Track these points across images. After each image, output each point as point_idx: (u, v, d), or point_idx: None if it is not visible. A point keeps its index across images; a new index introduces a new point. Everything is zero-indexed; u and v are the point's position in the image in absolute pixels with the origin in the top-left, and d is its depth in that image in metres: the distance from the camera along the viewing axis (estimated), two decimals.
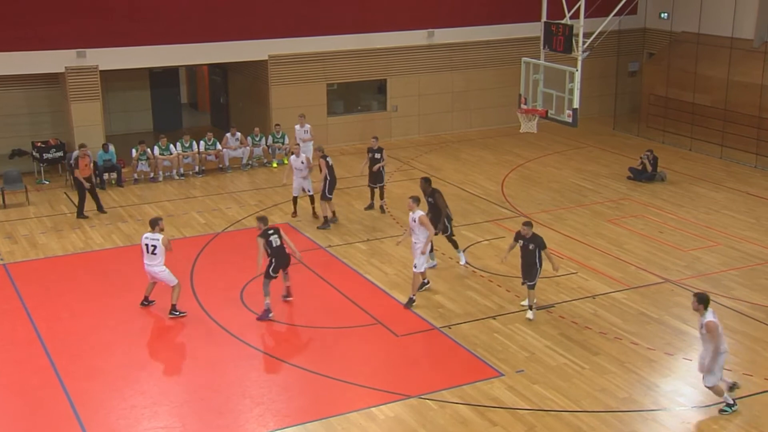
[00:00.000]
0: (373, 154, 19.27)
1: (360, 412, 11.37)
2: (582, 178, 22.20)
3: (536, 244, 13.81)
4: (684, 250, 17.14)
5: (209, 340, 13.37)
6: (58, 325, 13.88)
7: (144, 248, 13.94)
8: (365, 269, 16.14)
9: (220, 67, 26.98)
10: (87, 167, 19.03)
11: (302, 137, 21.47)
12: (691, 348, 13.18)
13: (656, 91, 26.66)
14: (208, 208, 19.75)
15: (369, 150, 19.45)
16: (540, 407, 11.47)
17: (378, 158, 19.22)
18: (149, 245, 13.88)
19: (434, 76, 26.23)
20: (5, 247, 17.36)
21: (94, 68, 22.03)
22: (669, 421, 11.24)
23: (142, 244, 13.99)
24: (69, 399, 11.66)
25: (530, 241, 13.84)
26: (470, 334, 13.55)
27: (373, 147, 19.34)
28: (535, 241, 13.84)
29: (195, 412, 11.45)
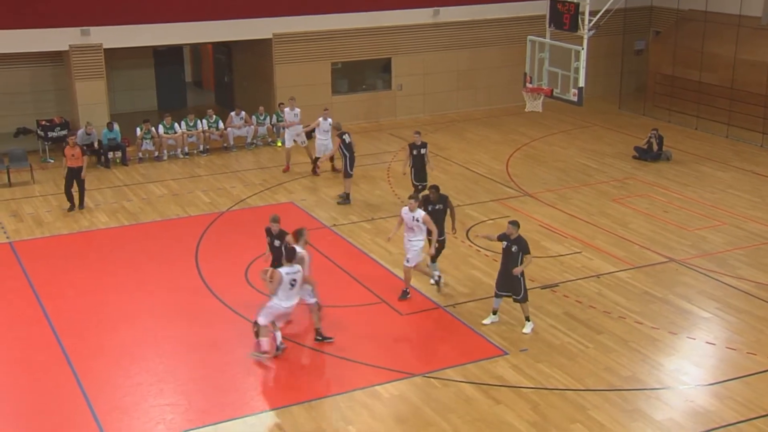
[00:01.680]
0: (418, 150, 17.51)
1: (364, 390, 11.43)
2: (587, 157, 22.14)
3: (520, 248, 12.62)
4: (689, 229, 17.12)
5: (214, 319, 13.43)
6: (64, 303, 13.95)
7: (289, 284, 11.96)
8: (370, 248, 16.16)
9: (224, 45, 26.88)
10: (74, 158, 17.84)
11: (291, 120, 20.89)
12: (695, 327, 13.20)
13: (662, 69, 26.50)
14: (213, 187, 19.76)
15: (412, 146, 17.59)
16: (544, 386, 11.52)
17: (423, 155, 17.48)
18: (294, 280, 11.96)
19: (439, 54, 26.11)
20: (11, 225, 17.41)
21: (98, 46, 21.96)
22: (673, 400, 11.28)
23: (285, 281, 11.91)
24: (75, 376, 11.74)
25: (514, 242, 12.66)
26: (474, 312, 13.58)
27: (416, 142, 17.52)
28: (519, 243, 12.65)
29: (200, 389, 11.52)
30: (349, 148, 18.42)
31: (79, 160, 17.98)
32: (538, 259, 15.48)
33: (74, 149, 17.97)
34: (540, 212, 18.08)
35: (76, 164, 17.92)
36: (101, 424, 10.67)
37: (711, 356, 12.42)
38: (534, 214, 17.90)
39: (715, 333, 13.04)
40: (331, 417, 10.85)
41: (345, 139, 18.45)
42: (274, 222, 13.19)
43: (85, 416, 10.84)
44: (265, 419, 10.84)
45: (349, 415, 10.87)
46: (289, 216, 17.76)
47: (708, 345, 12.70)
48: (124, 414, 10.91)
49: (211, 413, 10.94)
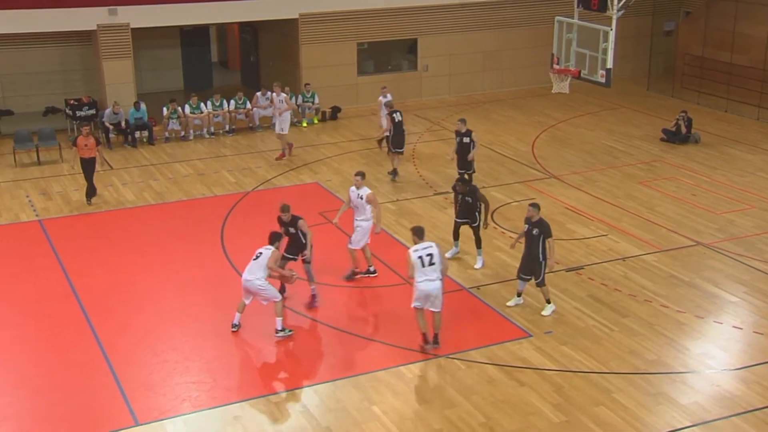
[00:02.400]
0: (462, 138, 17.14)
1: (388, 370, 11.47)
2: (614, 139, 21.94)
3: (541, 231, 12.49)
4: (717, 212, 16.94)
5: (240, 298, 13.48)
6: (92, 281, 14.11)
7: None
8: (394, 229, 16.16)
9: (250, 25, 26.89)
10: (87, 149, 17.19)
11: (279, 107, 20.10)
12: (722, 311, 13.10)
13: (692, 50, 26.13)
14: (239, 167, 19.84)
15: (457, 134, 17.30)
16: (568, 368, 11.49)
17: (468, 143, 17.04)
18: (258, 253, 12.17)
19: (466, 35, 25.93)
20: (40, 203, 17.62)
21: (125, 26, 22.06)
22: (698, 384, 11.22)
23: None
24: (103, 353, 11.90)
25: (535, 225, 12.56)
26: (499, 294, 13.56)
27: (460, 130, 17.17)
28: (540, 226, 12.52)
29: (225, 368, 11.62)
30: (397, 126, 18.61)
31: (93, 150, 17.23)
32: (563, 242, 15.42)
33: (88, 139, 17.20)
34: (566, 194, 17.97)
35: (89, 155, 17.21)
36: (129, 400, 10.82)
37: (738, 341, 12.32)
38: (560, 197, 17.80)
39: (742, 317, 12.92)
40: (355, 397, 10.90)
41: (395, 117, 18.67)
42: (285, 212, 13.02)
43: (113, 392, 10.99)
44: (289, 398, 10.93)
45: (373, 395, 10.93)
46: (315, 196, 17.84)
47: (735, 329, 12.59)
48: (151, 391, 11.05)
49: (236, 391, 11.06)
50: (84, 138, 17.20)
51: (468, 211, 14.37)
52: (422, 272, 11.33)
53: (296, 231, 12.93)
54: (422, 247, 11.41)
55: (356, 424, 10.35)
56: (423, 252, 11.35)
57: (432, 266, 11.30)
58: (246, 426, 10.34)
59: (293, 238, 12.99)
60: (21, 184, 18.80)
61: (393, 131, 18.63)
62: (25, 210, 17.26)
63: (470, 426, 10.31)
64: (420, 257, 11.31)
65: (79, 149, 17.20)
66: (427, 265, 11.29)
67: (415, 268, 11.33)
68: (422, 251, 11.36)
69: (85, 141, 17.18)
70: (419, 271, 11.33)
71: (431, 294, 11.43)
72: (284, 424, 10.38)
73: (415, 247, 11.43)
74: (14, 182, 18.91)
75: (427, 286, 11.36)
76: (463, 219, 14.55)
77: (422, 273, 11.33)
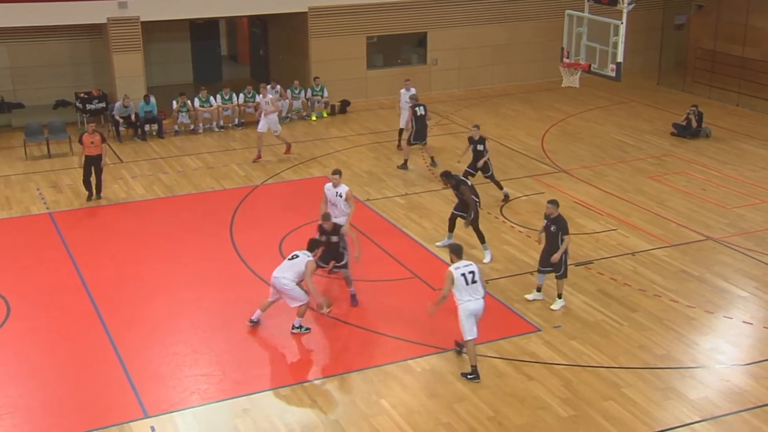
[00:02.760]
0: (475, 146, 16.87)
1: (397, 364, 11.48)
2: (624, 133, 21.86)
3: (558, 228, 12.59)
4: (727, 207, 16.87)
5: (249, 291, 13.53)
6: (102, 274, 14.16)
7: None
8: (403, 223, 16.16)
9: (260, 19, 26.88)
10: (93, 146, 17.00)
11: (264, 108, 19.50)
12: (732, 306, 13.05)
13: (703, 44, 25.99)
14: (248, 161, 19.85)
15: (470, 140, 17.05)
16: (577, 363, 11.48)
17: (481, 150, 16.81)
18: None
19: (475, 29, 25.85)
20: (50, 195, 17.68)
21: (135, 19, 22.09)
22: (708, 379, 11.19)
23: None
24: (113, 345, 11.95)
25: (553, 222, 12.64)
26: (507, 288, 13.54)
27: (474, 137, 16.91)
28: (557, 223, 12.62)
29: (234, 361, 11.66)
30: (419, 120, 18.71)
31: (98, 147, 17.03)
32: (573, 236, 15.33)
33: (93, 136, 16.96)
34: (575, 189, 17.92)
35: (95, 152, 17.00)
36: (138, 392, 10.86)
37: (748, 336, 12.28)
38: (569, 191, 17.75)
39: (752, 312, 12.88)
40: (363, 390, 10.92)
41: (417, 111, 18.77)
42: (326, 220, 12.93)
43: (123, 384, 11.04)
44: (298, 391, 10.95)
45: (382, 389, 10.94)
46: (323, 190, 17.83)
47: (745, 324, 12.55)
48: (160, 383, 11.09)
49: (245, 384, 11.08)
50: (90, 135, 16.99)
51: (462, 204, 14.44)
52: (466, 291, 10.88)
53: (338, 239, 12.88)
54: (463, 265, 10.97)
55: (364, 418, 10.37)
56: (465, 270, 10.91)
57: (474, 284, 10.91)
58: (255, 419, 10.38)
59: (331, 246, 12.91)
60: (31, 177, 18.87)
61: (414, 125, 18.74)
62: (35, 203, 17.33)
63: (478, 420, 10.32)
64: (463, 275, 10.87)
65: (85, 147, 16.97)
66: (470, 284, 10.89)
67: (458, 287, 10.88)
68: (464, 269, 10.92)
69: (91, 138, 16.97)
70: (463, 290, 10.88)
71: (478, 313, 11.03)
72: (293, 417, 10.41)
73: (456, 265, 10.96)
74: (25, 175, 18.98)
75: (475, 305, 10.95)
76: (459, 211, 14.60)
77: (466, 292, 10.89)
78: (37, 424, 10.35)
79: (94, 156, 17.06)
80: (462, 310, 10.94)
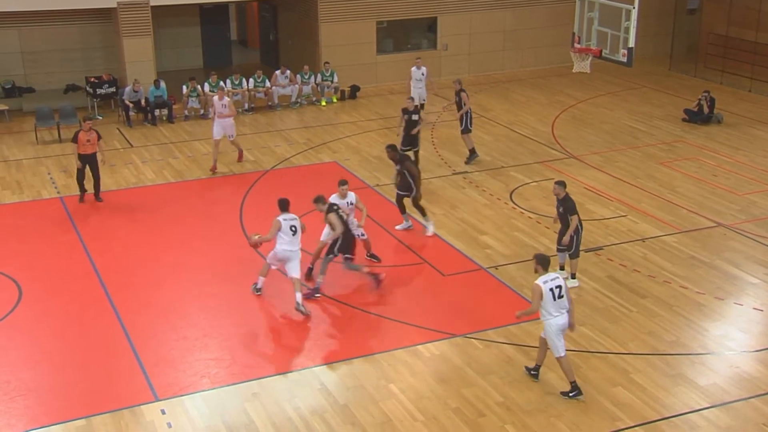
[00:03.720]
0: (410, 116, 17.32)
1: (406, 349, 11.51)
2: (635, 119, 21.75)
3: (565, 208, 12.67)
4: (739, 193, 16.78)
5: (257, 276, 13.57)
6: (113, 258, 14.23)
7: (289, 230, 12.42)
8: (413, 209, 16.11)
9: (269, 3, 26.82)
10: (89, 144, 16.23)
11: (220, 111, 18.02)
12: (742, 293, 13.01)
13: (716, 29, 25.78)
14: (258, 146, 19.87)
15: (404, 111, 17.42)
16: (586, 348, 11.47)
17: (416, 120, 17.32)
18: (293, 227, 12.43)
19: (486, 14, 25.72)
20: (61, 180, 17.75)
21: (145, 3, 22.07)
22: (717, 365, 11.17)
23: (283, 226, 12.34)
24: (124, 329, 12.02)
25: (561, 203, 12.71)
26: (517, 275, 13.54)
27: (408, 108, 17.38)
28: (565, 204, 12.69)
29: (244, 345, 11.71)
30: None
31: (95, 146, 16.25)
32: (583, 222, 15.30)
33: (90, 134, 16.16)
34: (585, 175, 17.86)
35: (91, 150, 16.20)
36: (148, 376, 10.93)
37: (758, 322, 12.25)
38: (579, 177, 17.70)
39: (762, 299, 12.84)
40: (372, 375, 10.96)
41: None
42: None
43: (133, 368, 11.11)
44: (307, 375, 10.99)
45: (390, 374, 10.98)
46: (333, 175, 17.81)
47: (755, 311, 12.51)
48: (170, 367, 11.15)
49: (255, 368, 11.13)
50: (86, 133, 16.17)
51: (404, 183, 14.59)
52: (553, 306, 10.30)
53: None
54: (550, 278, 10.36)
55: (374, 402, 10.41)
56: (552, 284, 10.32)
57: (561, 299, 10.35)
58: (264, 403, 10.43)
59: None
60: (42, 161, 18.94)
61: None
62: (46, 187, 17.40)
63: (487, 405, 10.34)
64: (551, 290, 10.28)
65: (80, 145, 16.13)
66: (557, 298, 10.33)
67: (546, 302, 10.29)
68: (551, 283, 10.32)
69: (87, 136, 16.17)
70: (551, 305, 10.29)
71: (565, 327, 10.50)
72: (302, 401, 10.45)
73: (543, 279, 10.33)
74: (36, 159, 19.05)
75: (563, 320, 10.38)
76: (404, 192, 14.70)
77: (554, 307, 10.31)
78: (48, 406, 10.43)
79: (89, 155, 16.26)
80: (550, 326, 10.39)
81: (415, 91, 20.79)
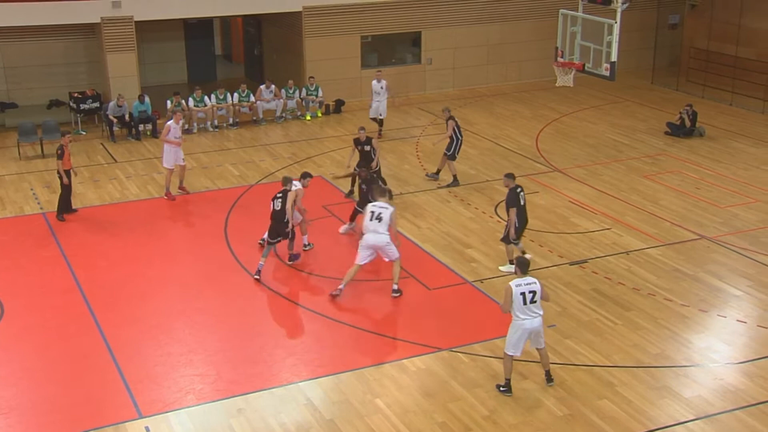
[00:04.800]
0: (362, 147, 16.96)
1: (392, 363, 11.49)
2: (618, 133, 21.90)
3: (507, 201, 13.79)
4: (721, 206, 16.91)
5: (242, 291, 13.54)
6: (96, 273, 14.14)
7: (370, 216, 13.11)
8: (398, 223, 16.11)
9: (254, 18, 26.86)
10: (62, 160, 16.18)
11: (175, 137, 17.22)
12: (726, 305, 13.09)
13: (697, 44, 26.06)
14: (242, 160, 19.85)
15: (356, 142, 17.07)
16: (571, 362, 11.49)
17: (369, 151, 16.91)
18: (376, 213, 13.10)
19: (470, 28, 25.88)
20: (44, 196, 17.64)
21: (129, 18, 22.05)
22: (701, 377, 11.22)
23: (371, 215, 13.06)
24: (107, 345, 11.93)
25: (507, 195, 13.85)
26: (502, 288, 13.42)
27: (360, 139, 16.95)
28: (507, 197, 13.81)
29: (229, 360, 11.65)
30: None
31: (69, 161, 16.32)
32: (567, 235, 15.43)
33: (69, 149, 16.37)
34: (570, 188, 17.95)
35: (70, 166, 16.34)
36: (132, 392, 10.84)
37: (742, 334, 12.32)
38: (563, 190, 17.78)
39: (746, 311, 12.92)
40: (358, 390, 10.92)
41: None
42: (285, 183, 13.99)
43: (117, 384, 11.02)
44: (293, 391, 10.95)
45: (376, 388, 10.95)
46: (318, 190, 17.83)
47: (739, 323, 12.59)
48: (155, 383, 11.07)
49: (240, 384, 11.08)
50: (68, 148, 16.31)
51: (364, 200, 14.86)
52: (523, 309, 10.47)
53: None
54: (525, 282, 10.50)
55: (359, 417, 10.37)
56: (526, 288, 10.46)
57: (534, 303, 10.50)
58: (249, 418, 10.37)
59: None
60: (25, 177, 18.83)
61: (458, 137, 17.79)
62: (29, 202, 17.30)
63: (473, 419, 10.32)
64: (522, 293, 10.44)
65: (65, 162, 16.14)
66: (529, 302, 10.47)
67: (516, 304, 10.48)
68: (525, 287, 10.47)
69: (69, 150, 16.38)
70: (520, 308, 10.47)
71: (535, 331, 10.63)
72: (287, 417, 10.40)
73: (517, 282, 10.50)
74: (18, 175, 18.94)
75: (531, 323, 10.53)
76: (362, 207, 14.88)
77: (523, 310, 10.47)
78: (30, 424, 10.33)
79: (68, 170, 16.32)
80: (515, 326, 10.59)
81: (374, 104, 21.10)
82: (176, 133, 17.22)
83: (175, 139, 17.14)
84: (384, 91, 21.16)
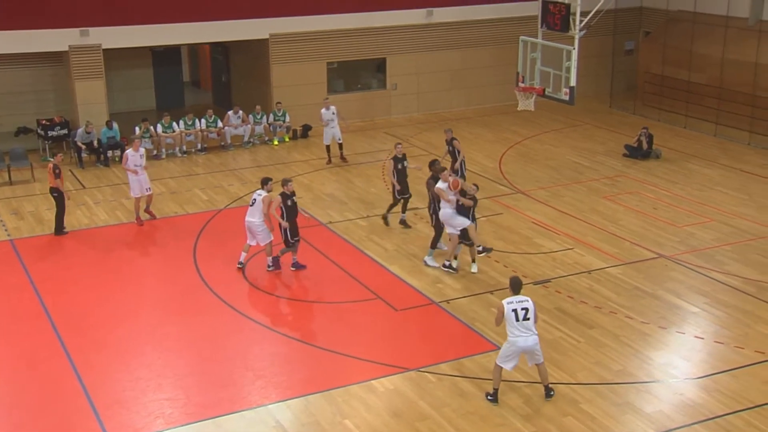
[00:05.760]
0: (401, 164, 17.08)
1: (360, 384, 11.64)
2: (578, 155, 22.39)
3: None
4: (678, 226, 17.39)
5: (212, 314, 13.64)
6: (64, 299, 14.15)
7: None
8: (365, 245, 16.39)
9: (221, 45, 27.06)
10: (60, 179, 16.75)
11: (137, 164, 17.29)
12: (684, 322, 13.46)
13: (652, 69, 26.77)
14: (211, 185, 19.97)
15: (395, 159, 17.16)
16: (537, 380, 11.72)
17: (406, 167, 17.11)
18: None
19: (433, 54, 26.34)
20: (12, 223, 17.60)
21: (97, 47, 22.15)
22: (662, 393, 11.53)
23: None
24: (75, 371, 11.95)
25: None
26: (468, 308, 13.81)
27: (397, 155, 17.12)
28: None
29: (198, 384, 11.73)
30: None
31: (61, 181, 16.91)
32: (530, 256, 15.76)
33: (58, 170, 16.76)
34: (532, 209, 18.33)
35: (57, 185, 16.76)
36: (101, 418, 10.87)
37: (699, 350, 12.67)
38: (526, 211, 18.16)
39: (703, 327, 13.29)
40: (327, 411, 11.06)
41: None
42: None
43: (85, 410, 11.04)
44: (263, 413, 11.05)
45: (345, 409, 11.09)
46: None
47: (696, 339, 12.95)
48: (124, 408, 11.11)
49: (210, 407, 11.16)
50: (59, 169, 16.76)
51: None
52: (516, 327, 10.76)
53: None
54: (517, 300, 10.84)
55: None
56: (518, 306, 10.79)
57: (526, 321, 10.78)
58: None
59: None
60: None
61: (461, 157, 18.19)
62: None
63: None
64: (514, 311, 10.75)
65: (52, 183, 16.63)
66: (522, 320, 10.75)
67: (509, 321, 10.78)
68: (517, 305, 10.80)
69: (57, 171, 16.73)
70: (512, 325, 10.76)
71: (529, 349, 10.93)
72: None
73: (509, 300, 10.85)
74: None
75: (525, 342, 10.81)
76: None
77: (516, 328, 10.77)
78: None
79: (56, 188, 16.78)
80: (509, 342, 10.90)
81: (328, 132, 21.23)
82: (135, 160, 17.27)
83: (134, 167, 17.21)
84: (335, 116, 21.28)
